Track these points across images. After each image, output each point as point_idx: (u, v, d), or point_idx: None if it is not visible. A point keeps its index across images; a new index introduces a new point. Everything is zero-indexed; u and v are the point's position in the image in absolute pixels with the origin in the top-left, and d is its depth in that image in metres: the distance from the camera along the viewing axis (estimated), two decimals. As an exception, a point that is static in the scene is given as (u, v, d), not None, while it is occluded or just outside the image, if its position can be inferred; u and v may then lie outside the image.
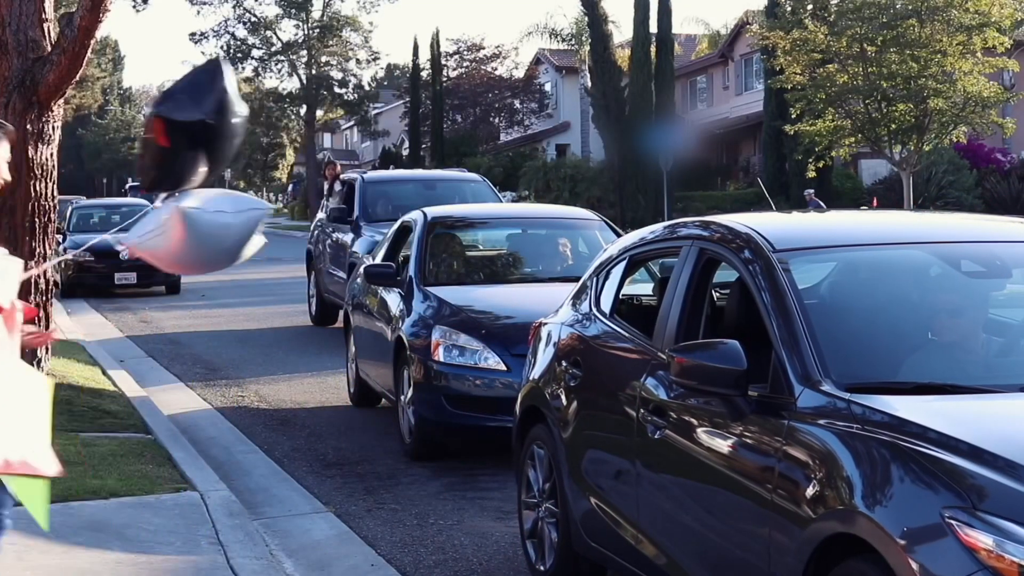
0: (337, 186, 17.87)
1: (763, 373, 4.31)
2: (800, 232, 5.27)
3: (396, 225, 11.20)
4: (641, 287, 6.58)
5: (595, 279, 6.13)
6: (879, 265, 4.92)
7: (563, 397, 5.83)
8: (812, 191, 37.13)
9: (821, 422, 3.97)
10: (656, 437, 4.85)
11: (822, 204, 36.21)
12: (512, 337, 8.46)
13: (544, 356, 6.23)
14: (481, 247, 11.09)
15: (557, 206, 12.70)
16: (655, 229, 5.91)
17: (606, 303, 5.94)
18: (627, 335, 5.53)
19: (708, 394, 4.44)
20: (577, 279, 10.06)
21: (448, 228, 10.67)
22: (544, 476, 6.02)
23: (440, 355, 8.55)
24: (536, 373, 6.25)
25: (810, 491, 3.85)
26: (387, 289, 10.00)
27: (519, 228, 11.18)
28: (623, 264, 5.99)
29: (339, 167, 20.09)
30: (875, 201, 38.04)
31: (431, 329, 8.75)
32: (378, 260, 11.01)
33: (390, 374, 9.42)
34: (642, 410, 5.01)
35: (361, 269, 11.15)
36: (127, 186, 51.50)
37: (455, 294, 9.38)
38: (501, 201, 17.25)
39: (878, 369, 4.33)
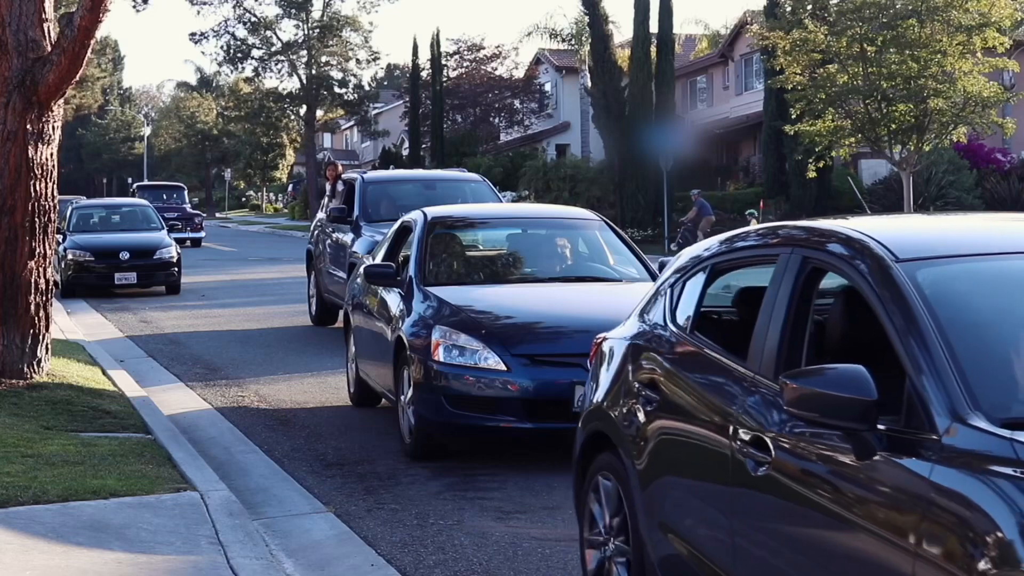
0: (339, 186, 17.89)
1: (888, 403, 3.74)
2: (924, 239, 4.60)
3: (396, 225, 11.15)
4: (716, 299, 5.86)
5: (669, 291, 5.50)
6: (1018, 276, 4.27)
7: (637, 423, 5.18)
8: (697, 191, 37.10)
9: (976, 465, 3.37)
10: (758, 474, 4.23)
11: (707, 204, 36.25)
12: (512, 337, 8.52)
13: (609, 375, 5.62)
14: (481, 247, 11.07)
15: (557, 206, 13.10)
16: (742, 234, 5.32)
17: (684, 317, 5.30)
18: (714, 355, 4.90)
19: (830, 427, 3.81)
20: (577, 279, 10.04)
21: (448, 228, 10.65)
22: (612, 511, 5.36)
23: (440, 355, 8.51)
24: (600, 395, 5.61)
25: (965, 549, 3.24)
26: (387, 289, 9.98)
27: (519, 228, 11.17)
28: (704, 273, 5.32)
29: (341, 167, 20.05)
30: (762, 204, 37.96)
31: (431, 329, 8.72)
32: (378, 260, 10.96)
33: (390, 374, 9.39)
34: (738, 442, 4.39)
35: (361, 269, 11.12)
36: (134, 186, 49.78)
37: (455, 294, 9.35)
38: (501, 201, 17.23)
39: None
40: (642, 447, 5.10)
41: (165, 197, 45.70)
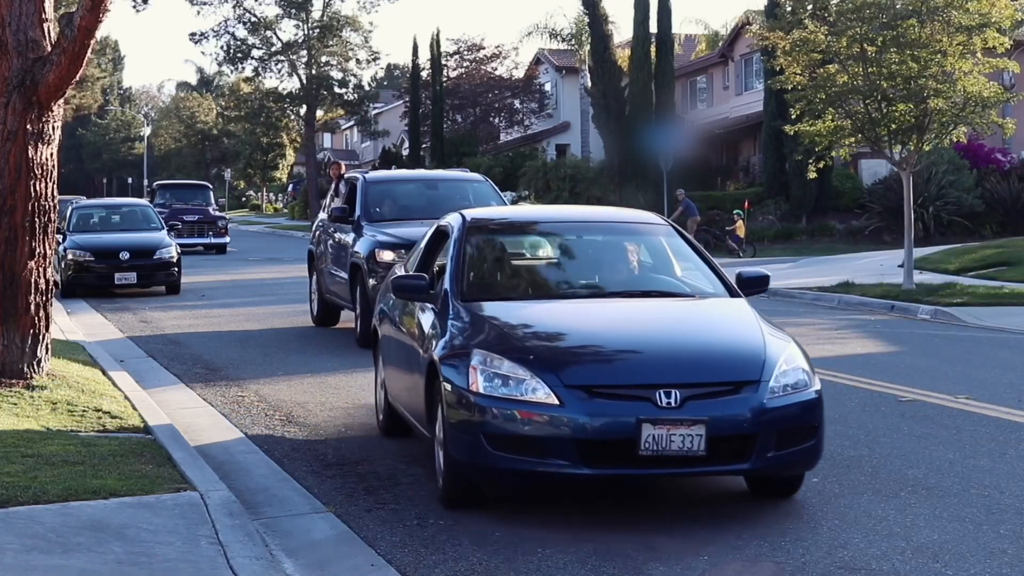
0: (341, 186, 17.80)
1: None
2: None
3: (431, 229, 9.81)
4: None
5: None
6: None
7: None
8: (683, 191, 37.12)
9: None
10: None
11: (692, 204, 36.28)
12: (566, 364, 7.18)
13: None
14: (528, 256, 9.54)
15: (616, 208, 10.92)
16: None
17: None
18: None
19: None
20: (642, 294, 8.49)
21: (490, 233, 9.24)
22: None
23: (479, 385, 7.16)
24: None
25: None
26: (420, 304, 8.69)
27: (573, 233, 9.40)
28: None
29: (344, 166, 19.97)
30: (747, 204, 38.03)
31: (469, 353, 7.38)
32: (409, 269, 9.80)
33: (422, 403, 8.05)
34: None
35: (390, 280, 9.95)
36: (153, 185, 46.57)
37: (498, 311, 8.00)
38: (505, 202, 16.93)
39: None
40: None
41: (187, 197, 41.43)
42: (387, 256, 14.59)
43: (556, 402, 6.99)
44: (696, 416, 6.86)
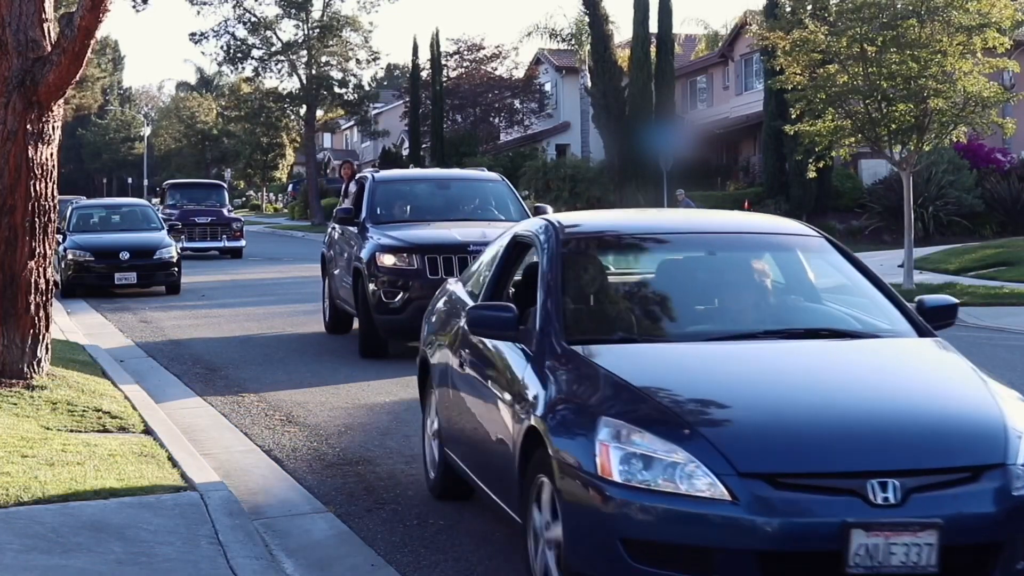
0: (352, 187, 17.09)
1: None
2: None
3: (505, 240, 7.59)
4: None
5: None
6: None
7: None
8: (683, 191, 37.12)
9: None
10: None
11: (692, 203, 36.30)
12: (738, 441, 5.10)
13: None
14: (643, 279, 7.07)
15: (752, 216, 8.47)
16: None
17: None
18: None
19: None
20: (806, 333, 6.22)
21: (595, 248, 7.00)
22: None
23: (614, 469, 5.08)
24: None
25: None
26: (504, 344, 6.52)
27: (703, 248, 7.05)
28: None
29: (356, 166, 19.51)
30: (746, 204, 38.04)
31: (594, 422, 5.27)
32: (473, 291, 7.68)
33: (512, 480, 5.99)
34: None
35: (439, 303, 8.21)
36: (164, 184, 42.82)
37: (621, 359, 5.82)
38: (523, 204, 15.92)
39: None
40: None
41: (200, 198, 38.16)
42: (388, 260, 13.94)
43: (727, 496, 4.92)
44: (925, 516, 4.88)
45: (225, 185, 43.29)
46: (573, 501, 5.21)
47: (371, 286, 13.89)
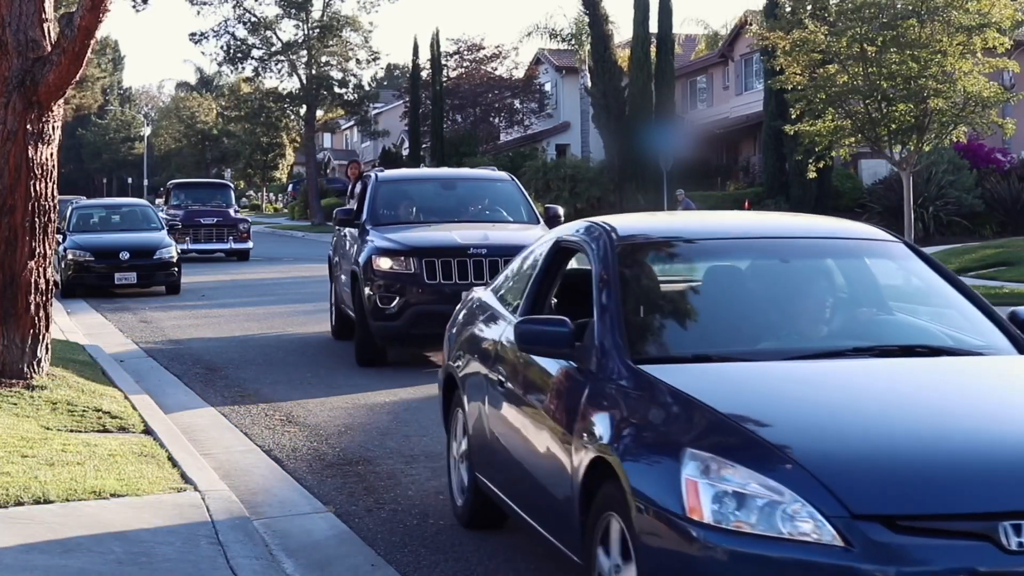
0: (358, 187, 16.27)
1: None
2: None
3: (546, 246, 6.84)
4: None
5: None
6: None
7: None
8: (683, 191, 37.13)
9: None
10: None
11: (692, 204, 36.30)
12: (847, 477, 4.32)
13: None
14: (713, 290, 6.16)
15: (825, 219, 7.44)
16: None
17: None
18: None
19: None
20: (902, 350, 5.54)
21: (656, 256, 6.34)
22: None
23: (704, 510, 4.33)
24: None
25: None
26: (557, 362, 5.79)
27: (775, 256, 6.28)
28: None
29: (363, 166, 18.21)
30: (746, 204, 38.04)
31: (678, 454, 4.53)
32: (507, 298, 7.09)
33: (569, 515, 5.29)
34: None
35: (479, 321, 7.32)
36: (169, 184, 40.88)
37: (698, 381, 5.06)
38: (532, 205, 15.19)
39: None
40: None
41: (206, 198, 36.96)
42: (384, 264, 13.32)
43: (838, 541, 4.18)
44: None
45: (231, 185, 41.56)
46: (652, 544, 4.49)
47: (367, 290, 13.35)
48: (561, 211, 14.77)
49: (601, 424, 5.07)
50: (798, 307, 5.93)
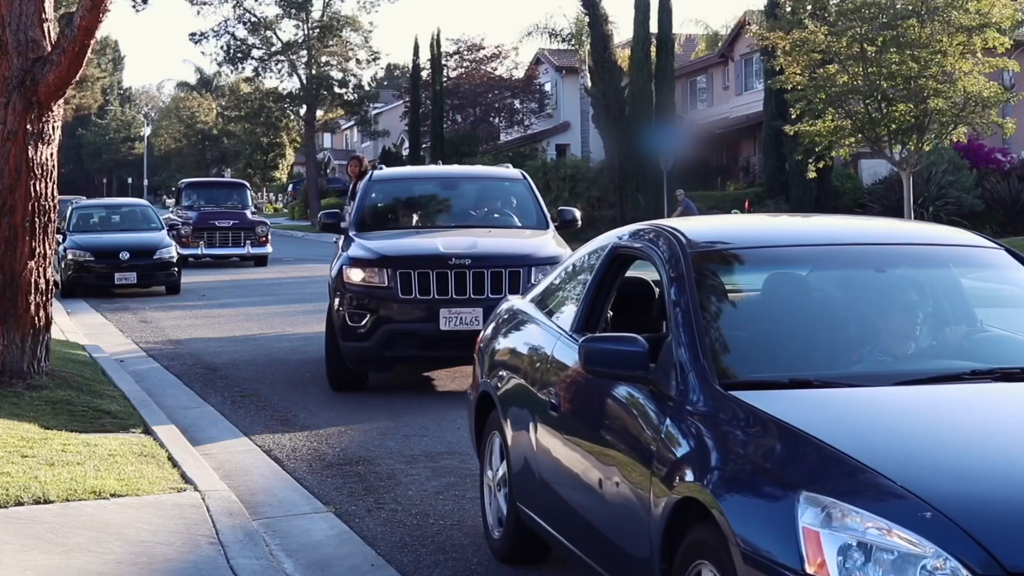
0: (359, 187, 14.26)
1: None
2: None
3: (601, 254, 6.05)
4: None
5: None
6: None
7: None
8: (683, 191, 37.13)
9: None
10: None
11: (692, 204, 36.30)
12: (1000, 524, 3.68)
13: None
14: (806, 305, 5.39)
15: (915, 224, 7.17)
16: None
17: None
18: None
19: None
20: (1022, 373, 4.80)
21: (732, 265, 5.57)
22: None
23: (830, 564, 3.68)
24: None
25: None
26: (627, 385, 5.06)
27: (869, 265, 5.56)
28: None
29: (366, 162, 16.50)
30: (747, 204, 38.03)
31: (791, 498, 3.87)
32: (555, 310, 6.32)
33: (647, 562, 4.59)
34: None
35: (500, 326, 6.89)
36: (181, 183, 37.97)
37: (811, 411, 4.40)
38: (544, 208, 13.36)
39: None
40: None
41: (220, 199, 34.46)
42: (356, 276, 11.67)
43: None
44: None
45: (247, 185, 39.27)
46: None
47: (336, 305, 11.76)
48: (578, 213, 13.48)
49: (690, 460, 4.38)
50: (900, 323, 5.17)
